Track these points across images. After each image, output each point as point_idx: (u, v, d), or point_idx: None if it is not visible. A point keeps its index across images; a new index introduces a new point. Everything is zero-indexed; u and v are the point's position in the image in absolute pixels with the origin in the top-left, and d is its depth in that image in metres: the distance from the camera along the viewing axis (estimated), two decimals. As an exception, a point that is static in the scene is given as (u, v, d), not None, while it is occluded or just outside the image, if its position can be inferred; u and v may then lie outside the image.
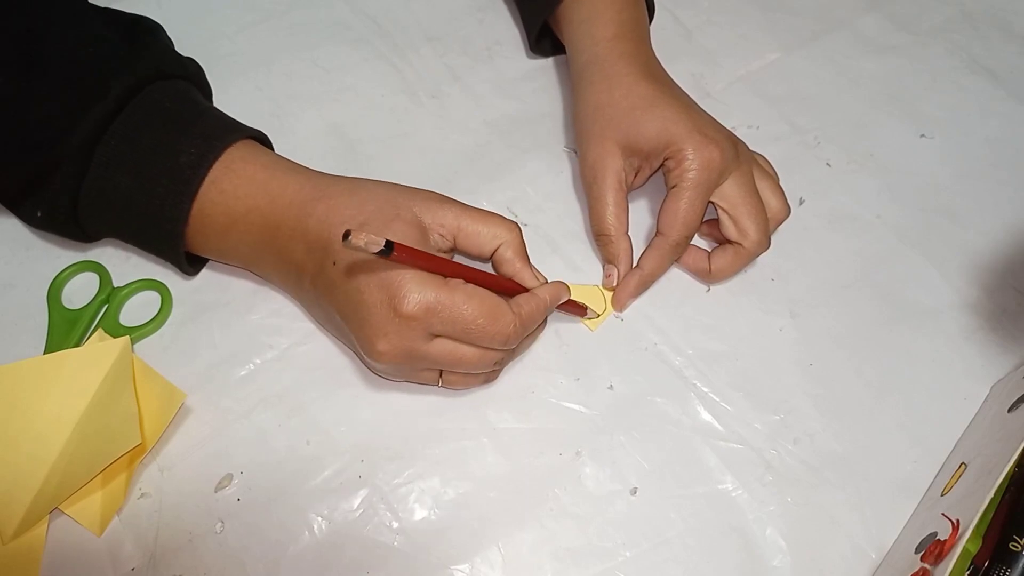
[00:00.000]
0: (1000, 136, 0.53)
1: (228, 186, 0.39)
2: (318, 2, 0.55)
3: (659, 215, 0.44)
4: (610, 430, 0.42)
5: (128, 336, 0.38)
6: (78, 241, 0.43)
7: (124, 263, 0.44)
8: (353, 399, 0.42)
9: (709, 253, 0.45)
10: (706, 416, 0.42)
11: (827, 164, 0.51)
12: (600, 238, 0.45)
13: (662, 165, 0.44)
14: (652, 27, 0.50)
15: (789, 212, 0.46)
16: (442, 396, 0.42)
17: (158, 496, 0.39)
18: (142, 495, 0.39)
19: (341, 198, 0.38)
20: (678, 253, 0.44)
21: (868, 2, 0.58)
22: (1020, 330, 0.46)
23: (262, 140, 0.43)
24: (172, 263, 0.42)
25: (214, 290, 0.44)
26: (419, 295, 0.35)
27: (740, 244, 0.44)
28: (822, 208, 0.49)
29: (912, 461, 0.42)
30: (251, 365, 0.42)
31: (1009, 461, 0.35)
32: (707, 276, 0.45)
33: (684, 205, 0.43)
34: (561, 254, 0.47)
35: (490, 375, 0.42)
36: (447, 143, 0.50)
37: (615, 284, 0.45)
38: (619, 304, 0.45)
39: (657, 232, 0.44)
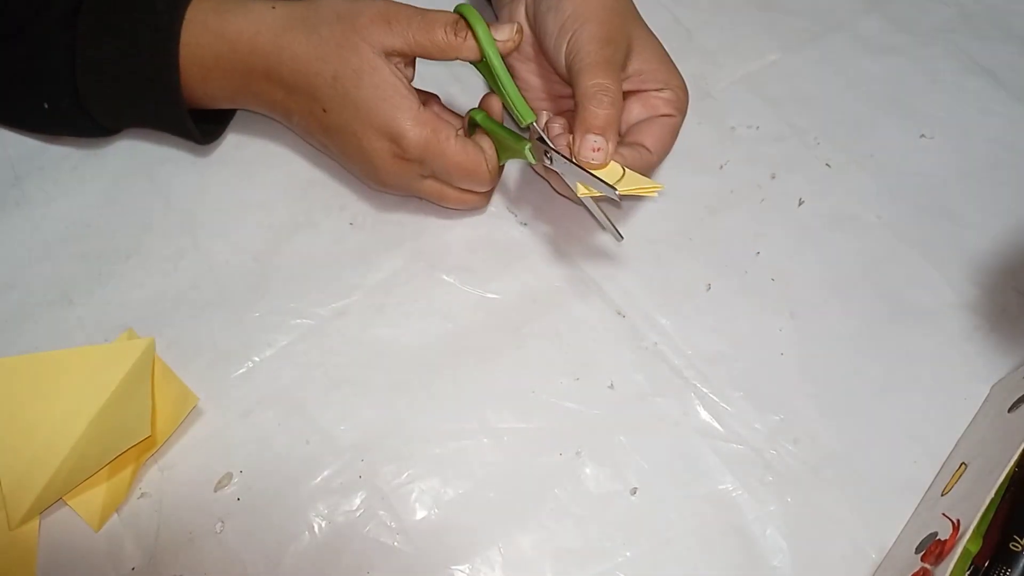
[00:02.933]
0: (1000, 136, 0.53)
1: (190, 38, 0.41)
2: (318, 2, 0.55)
3: (576, 90, 0.40)
4: (610, 430, 0.42)
5: (152, 338, 0.39)
6: (92, 136, 0.46)
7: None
8: (353, 398, 0.42)
9: (630, 139, 0.43)
10: (706, 416, 0.42)
11: (827, 164, 0.51)
12: (603, 96, 0.40)
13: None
14: (652, 27, 0.50)
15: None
16: (442, 396, 0.42)
17: (158, 496, 0.39)
18: (142, 495, 0.39)
19: (300, 47, 0.41)
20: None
21: (868, 3, 0.58)
22: (1020, 330, 0.46)
23: None
24: (177, 127, 0.44)
25: (212, 288, 0.44)
26: (415, 148, 0.41)
27: (673, 114, 0.43)
28: (822, 208, 0.49)
29: (912, 461, 0.42)
30: (250, 363, 0.42)
31: (1009, 461, 0.35)
32: (651, 165, 0.43)
33: (588, 66, 0.40)
34: (561, 254, 0.47)
35: (481, 199, 0.46)
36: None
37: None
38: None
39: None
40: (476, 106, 0.45)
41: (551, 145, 0.41)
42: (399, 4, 0.42)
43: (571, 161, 0.40)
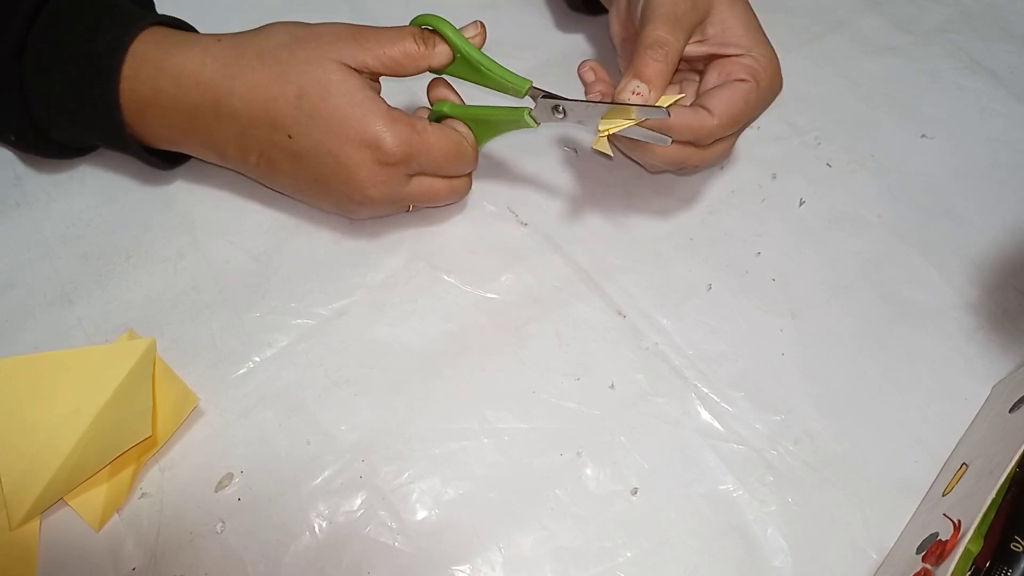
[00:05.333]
0: (1001, 136, 0.53)
1: (129, 71, 0.39)
2: (319, 2, 0.55)
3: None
4: (611, 430, 0.42)
5: (153, 338, 0.38)
6: (70, 158, 0.45)
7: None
8: (353, 398, 0.42)
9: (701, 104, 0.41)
10: (707, 416, 0.42)
11: (827, 164, 0.51)
12: (656, 50, 0.39)
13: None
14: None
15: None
16: (442, 396, 0.42)
17: (159, 496, 0.39)
18: (143, 495, 0.39)
19: (255, 72, 0.39)
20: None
21: (868, 2, 0.58)
22: (1021, 330, 0.46)
23: (176, 25, 0.43)
24: (136, 156, 0.43)
25: (212, 288, 0.44)
26: (399, 146, 0.39)
27: (747, 79, 0.41)
28: (822, 208, 0.49)
29: (913, 461, 0.42)
30: (250, 363, 0.42)
31: (1010, 461, 0.35)
32: (707, 132, 0.40)
33: (651, 18, 0.40)
34: (561, 254, 0.47)
35: (468, 183, 0.45)
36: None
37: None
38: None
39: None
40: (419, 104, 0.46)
41: (562, 96, 0.41)
42: (360, 25, 0.41)
43: (592, 103, 0.39)
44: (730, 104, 0.41)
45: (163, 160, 0.44)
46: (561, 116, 0.41)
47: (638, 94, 0.39)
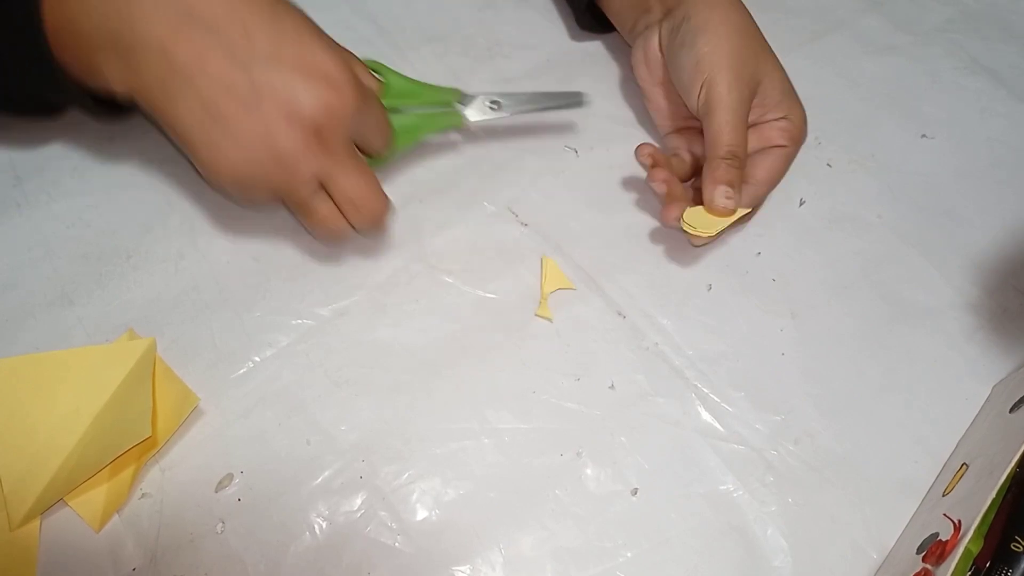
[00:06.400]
0: (1001, 136, 0.53)
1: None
2: (319, 2, 0.55)
3: (707, 138, 0.44)
4: (611, 430, 0.42)
5: (153, 338, 0.38)
6: (40, 118, 0.44)
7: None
8: (353, 398, 0.42)
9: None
10: (707, 416, 0.42)
11: (828, 164, 0.51)
12: (735, 160, 0.43)
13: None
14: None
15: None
16: (442, 396, 0.42)
17: (159, 496, 0.39)
18: (143, 495, 0.39)
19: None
20: (740, 162, 0.44)
21: (868, 2, 0.58)
22: (1021, 330, 0.46)
23: None
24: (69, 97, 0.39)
25: (212, 288, 0.44)
26: (353, 98, 0.37)
27: (787, 145, 0.45)
28: (823, 208, 0.49)
29: (913, 461, 0.42)
30: (250, 363, 0.42)
31: (1010, 462, 0.35)
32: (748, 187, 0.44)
33: (719, 119, 0.43)
34: (561, 254, 0.47)
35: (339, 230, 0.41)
36: (447, 143, 0.50)
37: (736, 206, 0.43)
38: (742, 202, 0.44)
39: (710, 156, 0.43)
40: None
41: (493, 91, 0.47)
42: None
43: (517, 94, 0.47)
44: (773, 171, 0.45)
45: (96, 102, 0.39)
46: (496, 108, 0.46)
47: (730, 198, 0.43)
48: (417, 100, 0.46)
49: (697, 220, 0.43)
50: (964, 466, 0.40)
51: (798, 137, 0.46)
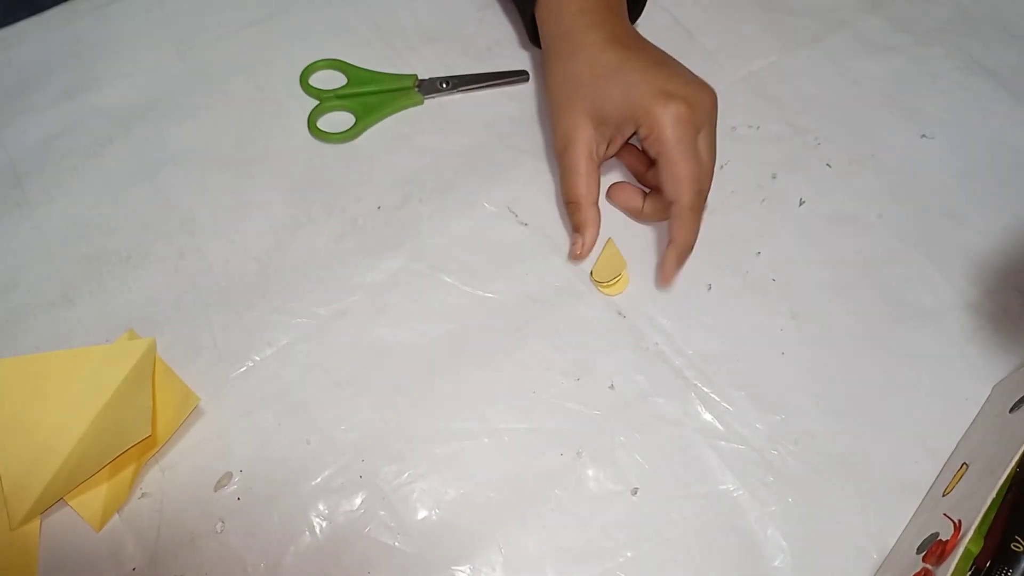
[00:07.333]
0: (1001, 136, 0.53)
1: None
2: (319, 3, 0.55)
3: (662, 184, 0.43)
4: (611, 430, 0.42)
5: (153, 338, 0.38)
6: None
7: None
8: (353, 398, 0.42)
9: (645, 195, 0.47)
10: (707, 416, 0.42)
11: (828, 165, 0.51)
12: (569, 206, 0.46)
13: (635, 133, 0.44)
14: (652, 27, 0.50)
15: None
16: (442, 396, 0.42)
17: (159, 496, 0.39)
18: (143, 495, 0.39)
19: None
20: (698, 213, 0.43)
21: (869, 3, 0.58)
22: (1021, 330, 0.46)
23: None
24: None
25: (212, 288, 0.44)
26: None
27: (673, 201, 0.43)
28: (823, 208, 0.49)
29: (913, 461, 0.42)
30: (250, 363, 0.42)
31: (1010, 462, 0.35)
32: (637, 215, 0.47)
33: (680, 166, 0.42)
34: (561, 254, 0.47)
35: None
36: (447, 143, 0.50)
37: (580, 252, 0.45)
38: (665, 281, 0.45)
39: (670, 202, 0.43)
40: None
41: (449, 79, 0.52)
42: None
43: (467, 75, 0.52)
44: (679, 231, 0.43)
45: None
46: (446, 87, 0.51)
47: (574, 244, 0.46)
48: (379, 86, 0.51)
49: (602, 274, 0.45)
50: (964, 466, 0.39)
51: (667, 136, 0.41)
